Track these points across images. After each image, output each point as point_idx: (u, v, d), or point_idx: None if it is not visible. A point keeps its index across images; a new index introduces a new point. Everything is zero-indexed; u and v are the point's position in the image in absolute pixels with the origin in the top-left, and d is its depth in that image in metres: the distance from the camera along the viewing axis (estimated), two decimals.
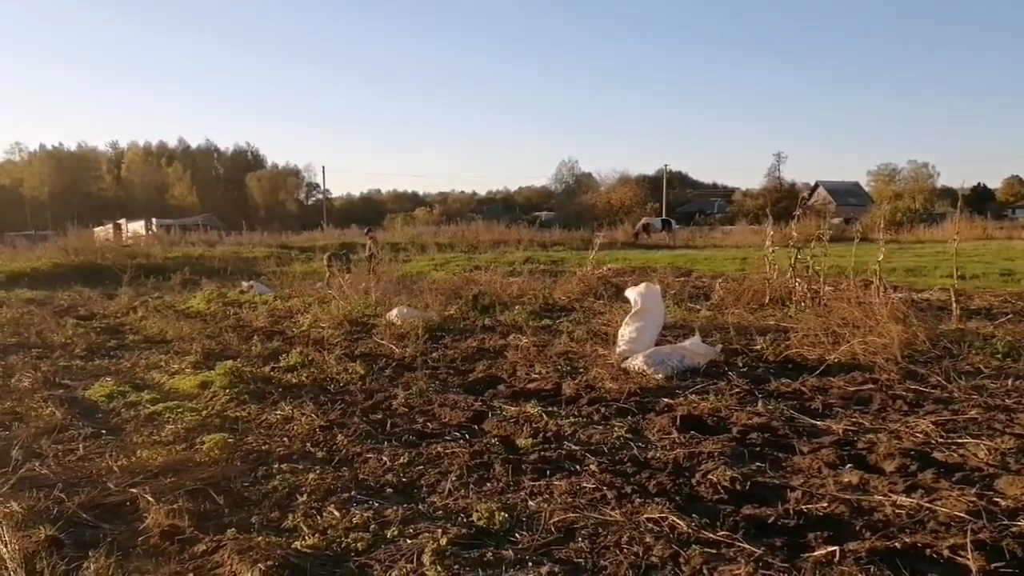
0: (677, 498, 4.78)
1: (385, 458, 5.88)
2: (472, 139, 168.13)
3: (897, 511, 4.44)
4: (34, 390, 8.82)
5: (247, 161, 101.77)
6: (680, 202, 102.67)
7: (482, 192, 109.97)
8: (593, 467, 5.41)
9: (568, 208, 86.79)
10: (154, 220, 48.57)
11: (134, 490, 5.36)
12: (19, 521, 4.72)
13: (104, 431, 7.19)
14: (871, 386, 7.52)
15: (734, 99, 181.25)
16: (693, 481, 5.09)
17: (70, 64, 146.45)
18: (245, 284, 19.86)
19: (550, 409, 7.04)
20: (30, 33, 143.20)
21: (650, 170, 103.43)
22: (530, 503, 4.82)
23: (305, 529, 4.61)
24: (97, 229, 43.28)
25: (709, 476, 5.10)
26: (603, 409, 7.02)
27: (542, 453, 5.82)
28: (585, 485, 5.01)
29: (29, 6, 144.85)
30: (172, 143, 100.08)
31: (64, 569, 4.10)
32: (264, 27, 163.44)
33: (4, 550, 4.28)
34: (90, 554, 4.25)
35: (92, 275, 24.98)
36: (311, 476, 5.54)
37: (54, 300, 19.15)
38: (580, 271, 18.06)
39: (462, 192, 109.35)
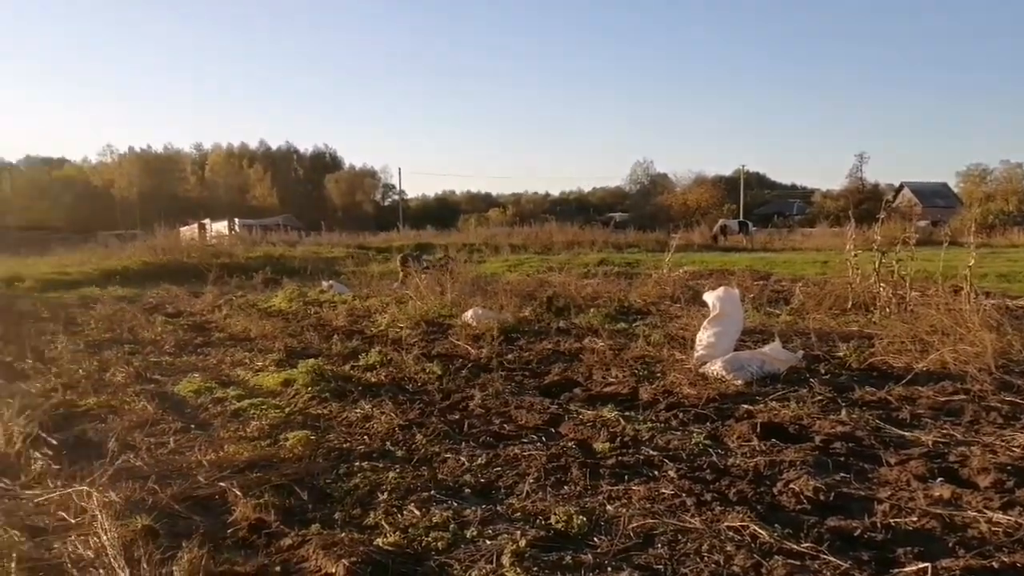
0: (758, 507, 4.71)
1: (463, 459, 5.94)
2: (545, 139, 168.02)
3: (993, 529, 4.29)
4: (127, 384, 9.17)
5: (325, 162, 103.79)
6: (758, 203, 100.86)
7: (555, 193, 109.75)
8: (672, 473, 5.38)
9: (643, 209, 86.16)
10: (236, 220, 49.87)
11: (222, 484, 5.54)
12: (118, 511, 4.93)
13: (193, 425, 7.44)
14: (962, 396, 7.27)
15: (814, 98, 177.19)
16: (775, 490, 5.00)
17: (157, 67, 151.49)
18: (325, 284, 20.24)
19: (627, 414, 7.01)
20: (121, 38, 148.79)
21: (727, 171, 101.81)
22: (608, 507, 4.82)
23: (386, 527, 4.69)
24: (183, 229, 44.65)
25: (791, 485, 5.01)
26: (681, 415, 6.96)
27: (620, 458, 5.80)
28: (664, 491, 4.98)
29: (120, 15, 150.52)
30: (253, 145, 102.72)
31: (159, 558, 4.25)
32: (342, 31, 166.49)
33: (105, 538, 4.48)
34: (183, 545, 4.41)
35: (179, 273, 25.77)
36: (391, 474, 5.63)
37: (144, 297, 19.85)
38: (656, 274, 17.91)
39: (535, 193, 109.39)
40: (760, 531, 4.25)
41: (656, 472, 5.47)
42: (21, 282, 23.34)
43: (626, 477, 5.37)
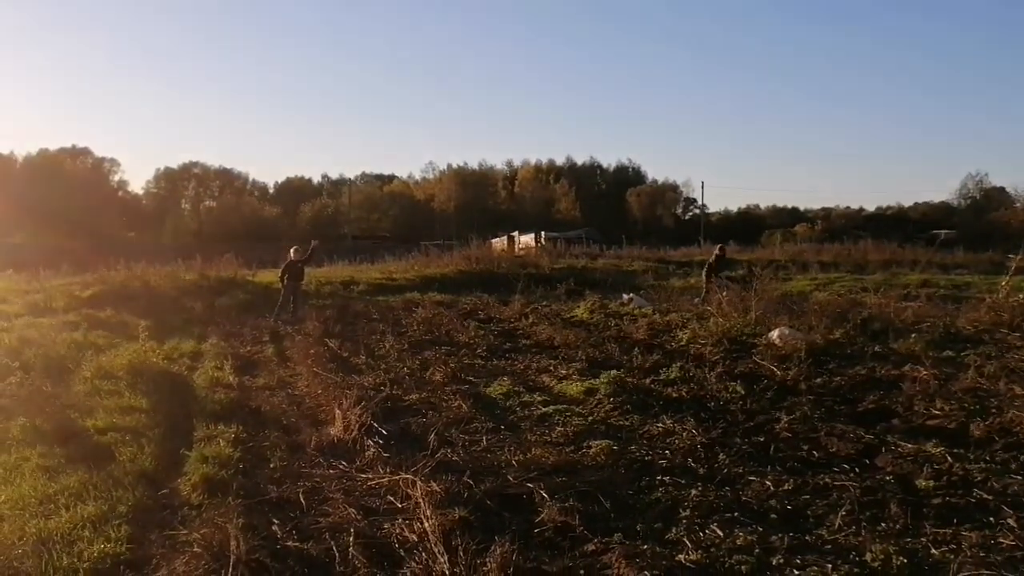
0: None
1: (768, 483, 5.75)
2: (859, 150, 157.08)
3: None
4: (444, 383, 9.93)
5: (628, 176, 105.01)
6: None
7: (870, 207, 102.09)
8: (1011, 522, 4.83)
9: (974, 227, 77.72)
10: (543, 233, 51.98)
11: (530, 485, 5.83)
12: (438, 500, 5.36)
13: (502, 426, 7.90)
14: None
15: None
16: None
17: (476, 91, 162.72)
18: (625, 297, 20.51)
19: (955, 451, 6.40)
20: (446, 68, 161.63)
21: None
22: (933, 551, 4.44)
23: (688, 544, 4.67)
24: (494, 240, 47.45)
25: None
26: (1021, 457, 6.21)
27: (946, 498, 5.32)
28: (1001, 541, 4.49)
29: (440, 50, 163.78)
30: (560, 161, 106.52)
31: (474, 549, 4.56)
32: (652, 47, 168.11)
33: (427, 524, 4.90)
34: (495, 539, 4.69)
35: (489, 282, 27.37)
36: (693, 492, 5.60)
37: (458, 303, 21.32)
38: (990, 298, 16.08)
39: (847, 208, 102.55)
40: None
41: (991, 518, 4.93)
42: (356, 285, 26.08)
43: (954, 520, 4.90)
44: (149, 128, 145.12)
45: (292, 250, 18.89)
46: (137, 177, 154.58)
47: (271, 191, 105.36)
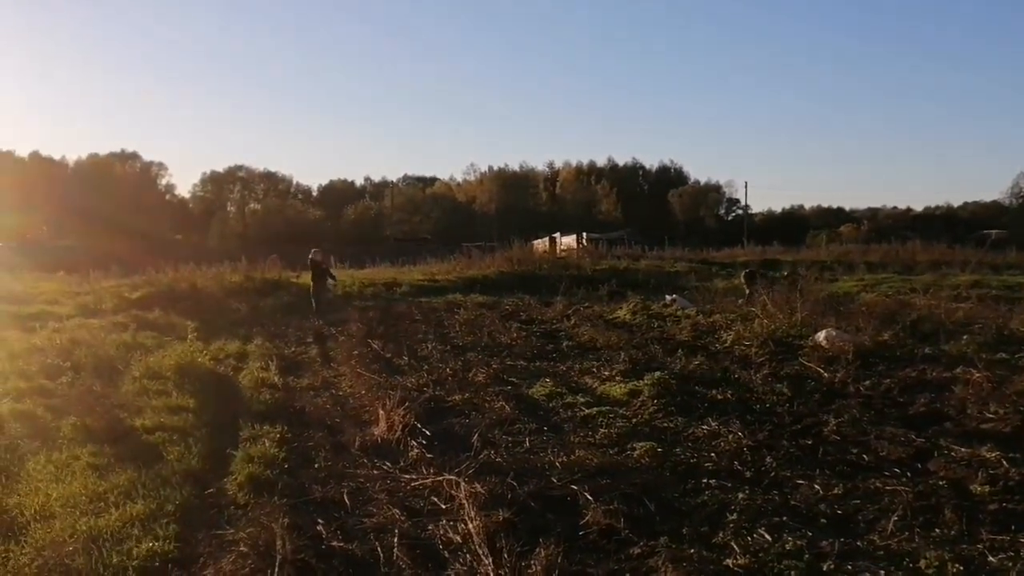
0: None
1: (817, 486, 5.65)
2: (907, 149, 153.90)
3: None
4: (487, 384, 9.93)
5: (670, 177, 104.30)
6: None
7: (917, 207, 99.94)
8: None
9: None
10: (584, 234, 51.80)
11: (574, 487, 5.79)
12: (482, 502, 5.35)
13: (545, 428, 7.88)
14: None
15: None
16: None
17: (513, 88, 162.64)
18: (668, 298, 20.31)
19: (1011, 455, 6.21)
20: (490, 72, 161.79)
21: None
22: (990, 558, 4.32)
23: (736, 548, 4.60)
24: (535, 242, 47.36)
25: None
26: None
27: (1003, 504, 5.17)
28: None
29: (487, 52, 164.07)
30: (601, 162, 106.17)
31: (519, 551, 4.54)
32: (694, 46, 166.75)
33: (471, 526, 4.89)
34: (540, 541, 4.67)
35: (531, 283, 27.33)
36: (740, 495, 5.52)
37: (500, 305, 21.32)
38: None
39: (894, 208, 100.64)
40: None
41: None
42: (398, 287, 26.24)
43: (1012, 527, 4.76)
44: (196, 132, 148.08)
45: (313, 251, 19.11)
46: (184, 181, 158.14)
47: (315, 194, 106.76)
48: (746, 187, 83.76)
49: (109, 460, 7.10)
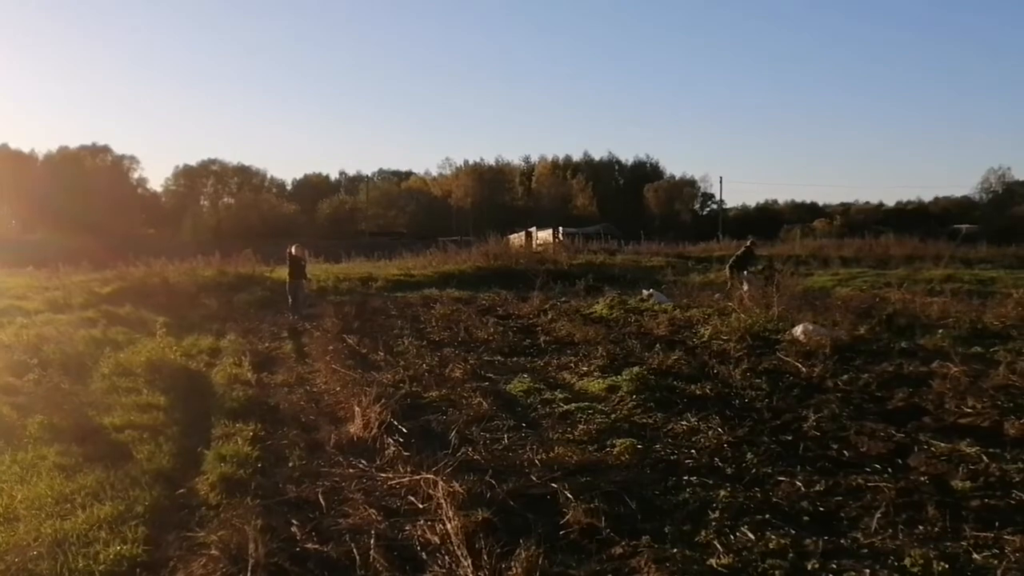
0: None
1: (799, 483, 5.60)
2: (879, 145, 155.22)
3: None
4: (464, 380, 9.81)
5: (646, 172, 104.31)
6: None
7: (890, 203, 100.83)
8: None
9: (996, 222, 76.79)
10: (560, 229, 51.73)
11: (554, 485, 5.69)
12: (461, 501, 5.24)
13: (524, 424, 7.77)
14: None
15: None
16: None
17: (488, 82, 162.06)
18: (645, 292, 20.30)
19: (991, 450, 6.21)
20: (464, 67, 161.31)
21: None
22: (975, 556, 4.28)
23: (719, 547, 4.53)
24: (511, 236, 47.25)
25: None
26: None
27: (985, 500, 5.14)
28: None
29: (463, 49, 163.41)
30: (577, 156, 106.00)
31: (499, 552, 4.43)
32: (668, 41, 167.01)
33: (449, 526, 4.78)
34: (520, 542, 4.56)
35: (508, 278, 27.19)
36: (721, 492, 5.45)
37: (477, 300, 21.18)
38: (1017, 293, 15.81)
39: (867, 203, 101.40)
40: None
41: None
42: (374, 282, 26.03)
43: (995, 523, 4.73)
44: (168, 126, 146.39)
45: (293, 247, 18.92)
46: (156, 174, 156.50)
47: (289, 188, 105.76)
48: (721, 182, 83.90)
49: (77, 460, 6.89)
